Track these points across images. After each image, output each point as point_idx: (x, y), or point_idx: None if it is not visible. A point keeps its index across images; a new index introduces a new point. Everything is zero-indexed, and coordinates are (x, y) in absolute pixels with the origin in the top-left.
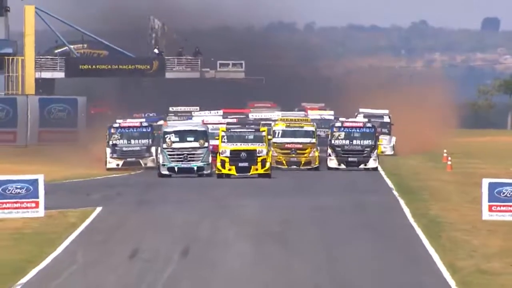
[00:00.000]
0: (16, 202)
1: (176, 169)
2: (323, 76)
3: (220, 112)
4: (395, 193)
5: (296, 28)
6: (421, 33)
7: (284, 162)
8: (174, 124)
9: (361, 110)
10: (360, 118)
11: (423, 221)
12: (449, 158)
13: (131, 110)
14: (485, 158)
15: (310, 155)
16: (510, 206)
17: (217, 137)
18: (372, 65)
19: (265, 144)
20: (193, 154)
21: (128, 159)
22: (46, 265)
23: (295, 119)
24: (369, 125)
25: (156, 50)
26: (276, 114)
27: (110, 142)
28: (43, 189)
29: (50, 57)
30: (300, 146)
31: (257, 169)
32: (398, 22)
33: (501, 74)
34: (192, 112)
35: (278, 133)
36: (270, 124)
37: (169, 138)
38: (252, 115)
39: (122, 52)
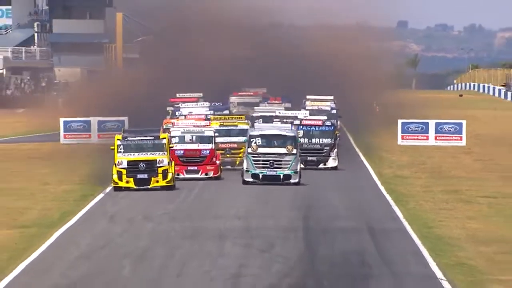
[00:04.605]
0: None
1: (260, 176)
2: (303, 63)
3: (207, 104)
4: (345, 129)
5: (284, 26)
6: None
7: None
8: (261, 127)
9: (308, 96)
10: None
11: (361, 145)
12: (377, 107)
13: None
14: (398, 107)
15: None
16: (414, 136)
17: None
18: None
19: (166, 153)
20: (280, 161)
21: None
22: None
23: (228, 118)
24: (328, 123)
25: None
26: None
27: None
28: (127, 126)
29: (131, 44)
30: (235, 145)
31: (157, 181)
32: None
33: (408, 55)
34: (180, 104)
35: None
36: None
37: (255, 142)
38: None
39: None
